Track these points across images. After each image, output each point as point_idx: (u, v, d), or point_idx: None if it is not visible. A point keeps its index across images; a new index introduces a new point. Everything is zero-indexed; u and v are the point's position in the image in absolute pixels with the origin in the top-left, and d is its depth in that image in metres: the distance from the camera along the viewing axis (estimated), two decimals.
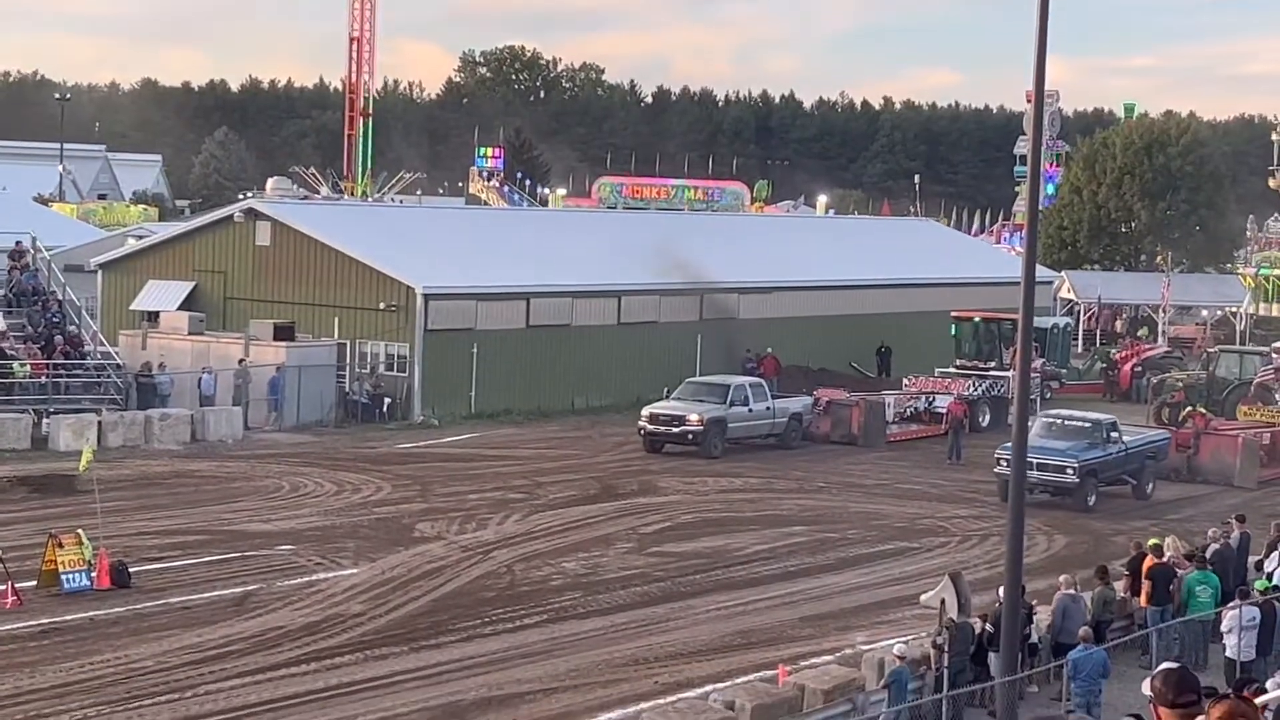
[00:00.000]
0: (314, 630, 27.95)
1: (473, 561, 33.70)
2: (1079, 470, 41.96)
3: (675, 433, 48.03)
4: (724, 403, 48.77)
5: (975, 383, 55.87)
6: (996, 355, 57.53)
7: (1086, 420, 44.24)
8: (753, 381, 51.36)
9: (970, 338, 58.55)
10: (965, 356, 58.02)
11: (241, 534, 35.50)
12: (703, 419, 47.79)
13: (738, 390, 49.66)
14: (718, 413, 48.33)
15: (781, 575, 34.11)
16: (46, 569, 29.76)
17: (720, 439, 48.22)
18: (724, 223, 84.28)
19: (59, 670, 24.99)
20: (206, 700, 23.86)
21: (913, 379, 57.44)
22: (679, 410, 48.33)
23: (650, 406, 48.97)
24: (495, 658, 26.92)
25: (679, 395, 49.62)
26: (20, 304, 51.31)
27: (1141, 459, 44.55)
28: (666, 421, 48.11)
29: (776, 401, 50.78)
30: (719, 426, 48.20)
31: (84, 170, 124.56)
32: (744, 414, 49.09)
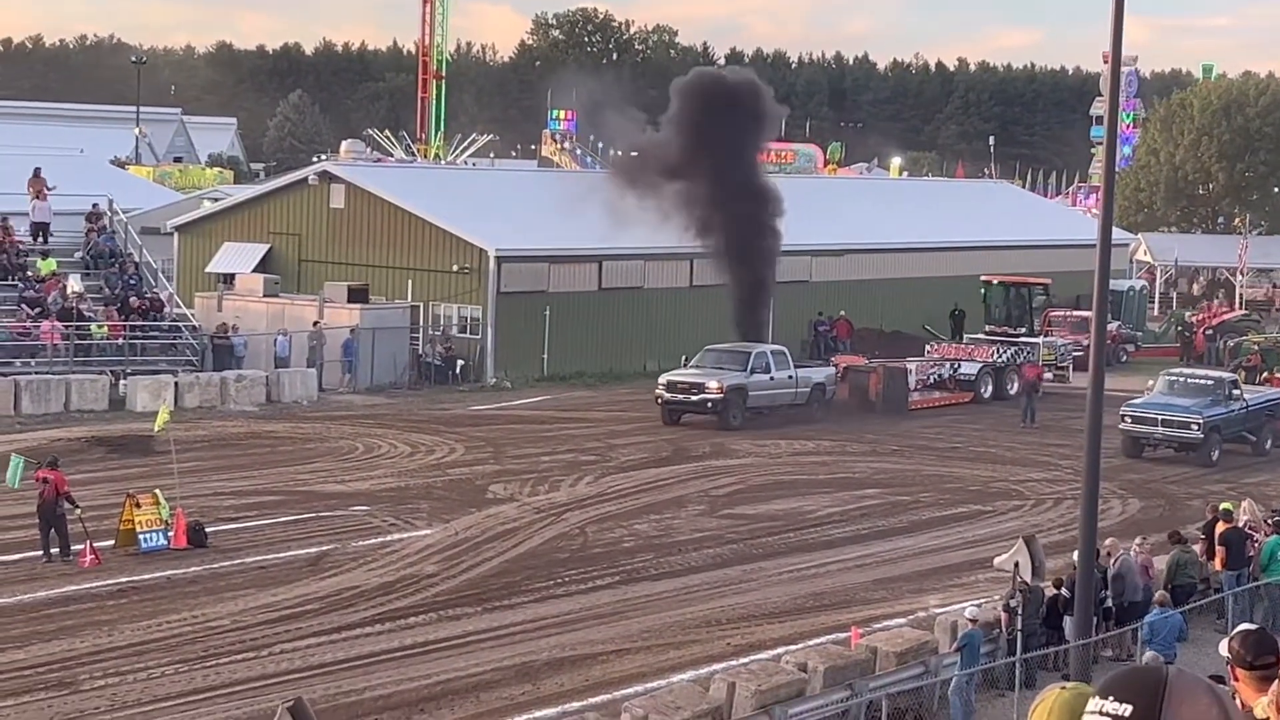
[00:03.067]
0: (388, 590, 28.12)
1: (545, 523, 33.81)
2: (1203, 426, 42.78)
3: (694, 401, 46.10)
4: (745, 370, 46.83)
5: (1000, 349, 54.54)
6: (1027, 321, 56.27)
7: (1209, 378, 45.81)
8: (775, 349, 48.70)
9: (1000, 302, 56.88)
10: (995, 322, 56.52)
11: (316, 495, 35.74)
12: (723, 387, 45.89)
13: (759, 357, 47.48)
14: (738, 380, 46.39)
15: (854, 538, 34.06)
16: (124, 529, 30.06)
17: (741, 408, 46.36)
18: (796, 185, 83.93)
19: (137, 629, 25.25)
20: (282, 659, 24.05)
21: (935, 345, 56.41)
22: (698, 378, 46.38)
23: (668, 374, 47.24)
24: (568, 618, 27.01)
25: (698, 363, 47.63)
26: (98, 266, 51.79)
27: (1261, 416, 45.26)
28: (685, 390, 46.23)
29: (799, 370, 48.75)
30: (739, 395, 46.38)
31: (160, 133, 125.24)
32: (765, 382, 47.14)
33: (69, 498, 29.39)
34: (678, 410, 46.29)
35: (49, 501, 29.11)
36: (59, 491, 29.25)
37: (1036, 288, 57.03)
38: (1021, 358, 54.02)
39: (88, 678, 22.75)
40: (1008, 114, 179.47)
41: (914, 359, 54.03)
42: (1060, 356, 55.88)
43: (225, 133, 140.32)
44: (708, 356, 47.73)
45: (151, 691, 22.34)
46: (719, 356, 47.57)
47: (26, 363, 46.69)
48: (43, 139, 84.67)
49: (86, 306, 48.80)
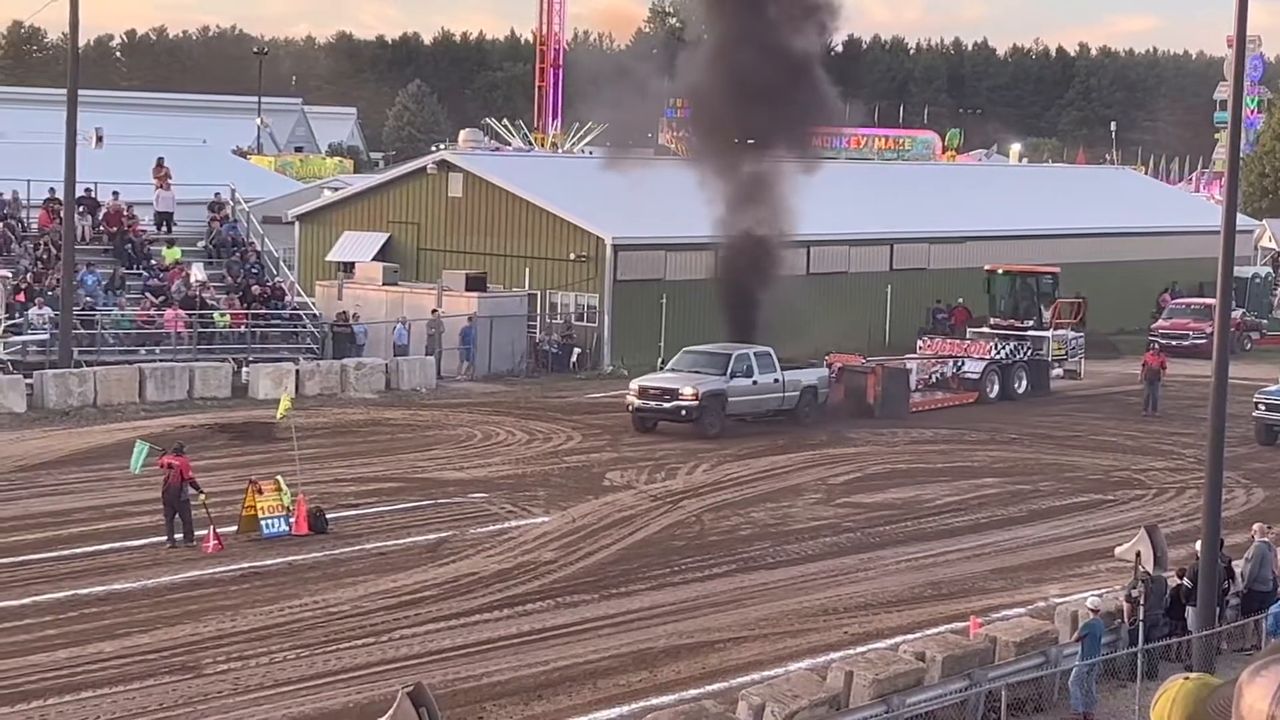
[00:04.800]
0: (506, 577, 28.26)
1: (662, 510, 33.85)
2: None
3: (667, 408, 42.23)
4: (724, 374, 42.85)
5: (998, 344, 50.61)
6: (1035, 313, 52.24)
7: None
8: (759, 351, 44.17)
9: (1006, 294, 52.99)
10: (1001, 314, 52.47)
11: (435, 481, 35.98)
12: (698, 393, 41.89)
13: (740, 360, 43.37)
14: (716, 386, 42.44)
15: (973, 527, 33.83)
16: (246, 514, 30.42)
17: (719, 415, 42.47)
18: (914, 172, 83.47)
19: (259, 613, 25.54)
20: (402, 644, 24.24)
21: (927, 340, 52.43)
22: (672, 383, 42.65)
23: (640, 379, 43.68)
24: (684, 606, 27.02)
25: (675, 365, 44.14)
26: (220, 255, 52.42)
27: None
28: (657, 396, 42.34)
29: (787, 373, 44.39)
30: (717, 401, 42.38)
31: (281, 123, 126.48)
32: (747, 387, 43.19)
33: (193, 483, 29.79)
34: (650, 418, 42.57)
35: (174, 487, 29.52)
36: (183, 477, 29.65)
37: (1045, 276, 53.51)
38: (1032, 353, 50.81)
39: (211, 662, 23.05)
40: (1130, 99, 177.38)
41: (914, 357, 50.65)
42: (1071, 351, 52.31)
43: (345, 122, 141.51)
44: (685, 359, 44.19)
45: (274, 675, 22.60)
46: (697, 359, 43.89)
47: (151, 350, 47.35)
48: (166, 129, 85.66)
49: (209, 295, 49.40)
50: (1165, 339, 59.33)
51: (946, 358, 50.45)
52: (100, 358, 46.03)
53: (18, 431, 40.05)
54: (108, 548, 29.19)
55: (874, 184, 69.12)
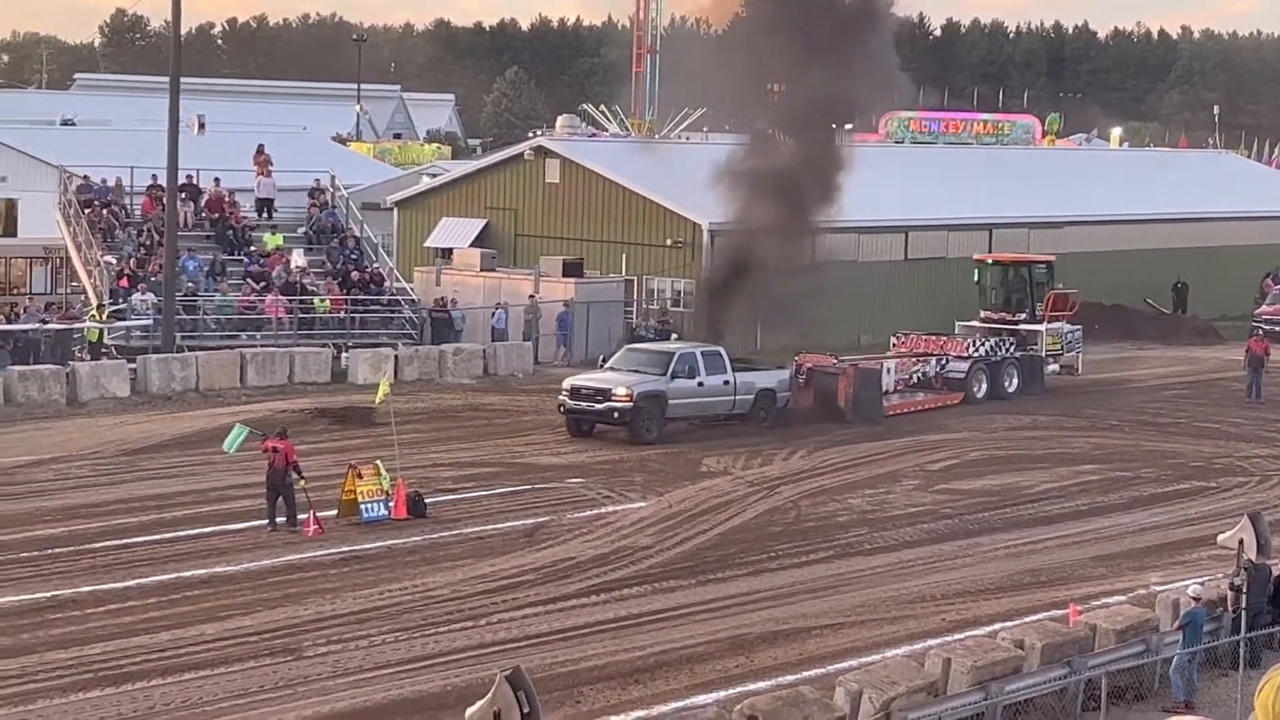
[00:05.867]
0: (603, 562, 28.33)
1: (759, 496, 33.82)
2: None
3: (599, 410, 39.19)
4: (664, 374, 39.81)
5: (978, 341, 47.06)
6: (1028, 306, 48.93)
7: None
8: (707, 350, 41.15)
9: (998, 285, 49.60)
10: (992, 308, 49.28)
11: (532, 467, 36.11)
12: (632, 394, 38.94)
13: (683, 360, 40.23)
14: (653, 387, 39.39)
15: (1072, 514, 33.58)
16: (346, 499, 30.65)
17: (657, 419, 39.42)
18: (1014, 157, 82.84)
19: (359, 596, 25.74)
20: (499, 629, 24.35)
21: (902, 336, 48.43)
22: (605, 383, 39.56)
23: (573, 378, 40.83)
24: (781, 592, 27.00)
25: (615, 364, 41.03)
26: (320, 241, 52.79)
27: None
28: (589, 396, 39.38)
29: (741, 375, 41.31)
30: (655, 404, 39.38)
31: (380, 110, 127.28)
32: (690, 389, 40.00)
33: (296, 468, 30.05)
34: (584, 420, 39.64)
35: (278, 471, 29.80)
36: (288, 461, 29.92)
37: (1038, 266, 50.21)
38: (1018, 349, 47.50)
39: (311, 644, 23.25)
40: (1233, 83, 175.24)
41: (891, 356, 47.04)
42: (1067, 345, 49.15)
43: (443, 109, 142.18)
44: (626, 357, 41.34)
45: (372, 658, 22.77)
46: (637, 358, 41.04)
47: (252, 336, 47.78)
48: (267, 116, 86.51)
49: (309, 280, 49.77)
50: (1269, 325, 58.58)
51: (926, 356, 46.62)
52: (202, 343, 46.52)
53: (121, 416, 40.57)
54: (210, 531, 29.51)
55: (972, 169, 68.73)
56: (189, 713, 20.43)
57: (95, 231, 49.38)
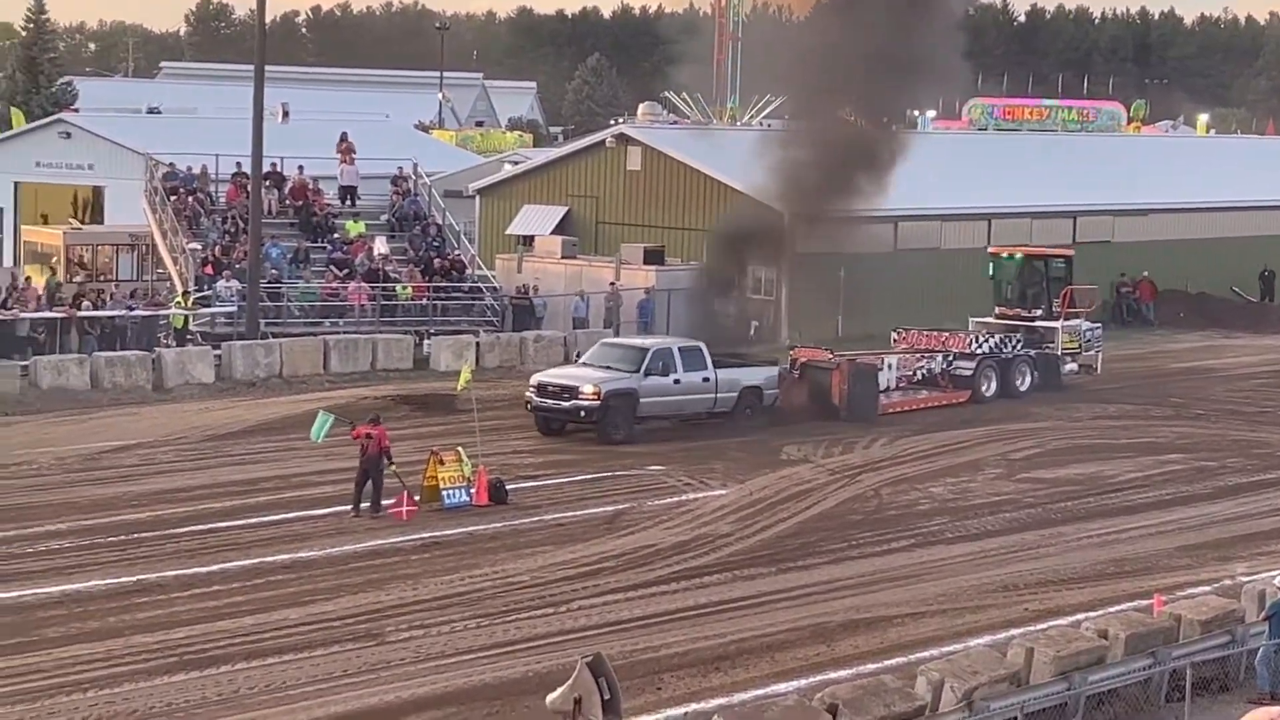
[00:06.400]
0: (683, 549, 28.35)
1: (839, 484, 33.74)
2: None
3: (565, 409, 37.38)
4: (637, 371, 37.92)
5: (981, 337, 44.93)
6: (1044, 302, 46.81)
7: None
8: (685, 345, 39.36)
9: (1013, 279, 47.46)
10: (1006, 303, 47.09)
11: (612, 453, 36.15)
12: (599, 392, 37.13)
13: (657, 356, 38.32)
14: (623, 384, 37.53)
15: (1157, 503, 33.31)
16: (428, 485, 30.80)
17: (627, 418, 37.56)
18: (1099, 144, 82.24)
19: (440, 582, 25.85)
20: (580, 615, 24.41)
21: (901, 333, 46.46)
22: (572, 380, 37.86)
23: (540, 374, 39.18)
24: (862, 580, 26.94)
25: (588, 359, 39.67)
26: (402, 228, 53.03)
27: None
28: (555, 394, 37.58)
29: (723, 371, 39.33)
30: (625, 403, 37.49)
31: (462, 98, 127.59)
32: (665, 386, 38.11)
33: (388, 454, 30.21)
34: (552, 419, 37.77)
35: (372, 457, 29.96)
36: (381, 447, 30.09)
37: (1056, 260, 48.03)
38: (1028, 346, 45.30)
39: (393, 630, 23.38)
40: None
41: (893, 352, 45.19)
42: (1085, 343, 46.77)
43: (525, 97, 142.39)
44: (599, 352, 39.64)
45: (454, 644, 22.87)
46: (610, 353, 39.28)
47: (335, 322, 48.03)
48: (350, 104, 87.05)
49: (392, 268, 50.00)
50: None
51: (929, 352, 44.66)
52: (285, 329, 46.82)
53: (206, 401, 40.92)
54: (293, 516, 29.72)
55: (1057, 156, 68.21)
56: (272, 696, 20.59)
57: (181, 219, 49.78)
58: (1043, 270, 47.49)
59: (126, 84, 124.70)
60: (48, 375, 41.31)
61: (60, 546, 27.28)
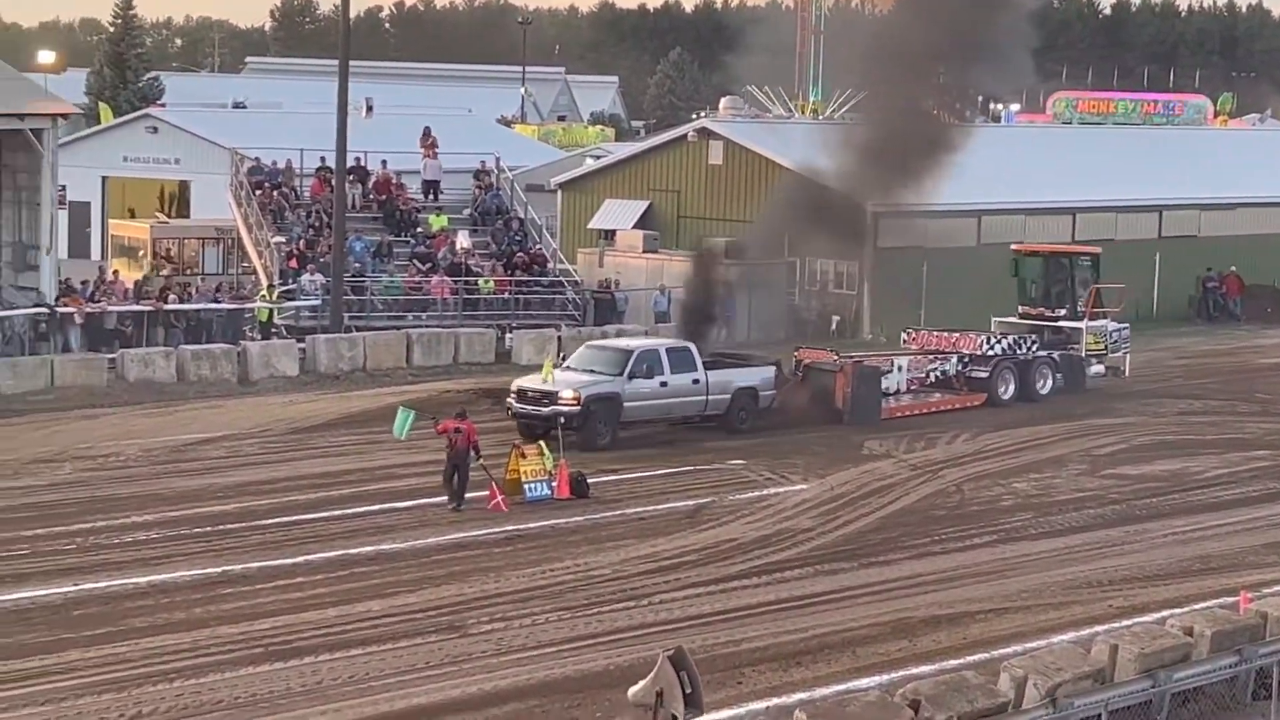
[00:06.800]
0: (765, 544, 28.32)
1: (922, 480, 33.62)
2: None
3: (545, 415, 35.49)
4: (620, 374, 36.41)
5: (993, 339, 43.23)
6: (1069, 301, 45.15)
7: None
8: (673, 346, 37.93)
9: (1037, 278, 45.84)
10: (1030, 302, 45.61)
11: (694, 448, 36.17)
12: (579, 397, 35.56)
13: (642, 358, 36.78)
14: (606, 389, 35.95)
15: (1243, 500, 32.98)
16: (510, 478, 30.90)
17: (611, 424, 36.03)
18: (1184, 137, 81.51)
19: (522, 575, 25.94)
20: (661, 609, 24.43)
21: (912, 334, 45.03)
22: (554, 385, 36.12)
23: (520, 379, 37.57)
24: (944, 576, 26.82)
25: (572, 363, 37.73)
26: (484, 222, 53.24)
27: None
28: (535, 400, 35.94)
29: (714, 373, 37.83)
30: (607, 407, 35.93)
31: (544, 92, 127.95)
32: (651, 390, 36.61)
33: (476, 448, 30.33)
34: (534, 425, 35.58)
35: (460, 451, 30.08)
36: (469, 441, 30.22)
37: (1081, 258, 46.25)
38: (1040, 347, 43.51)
39: (475, 622, 23.47)
40: None
41: (903, 353, 43.47)
42: (1111, 345, 44.99)
43: (607, 91, 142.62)
44: (583, 355, 38.03)
45: (536, 637, 22.94)
46: (594, 356, 37.69)
47: (418, 316, 48.29)
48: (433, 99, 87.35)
49: (474, 262, 50.21)
50: None
51: (941, 354, 42.87)
52: (369, 323, 47.12)
53: (290, 395, 41.23)
54: (377, 509, 29.89)
55: (1142, 150, 67.67)
56: (355, 688, 20.71)
57: (265, 213, 50.18)
58: (1068, 268, 45.89)
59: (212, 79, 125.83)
60: (135, 368, 41.75)
61: (147, 538, 27.56)
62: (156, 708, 19.73)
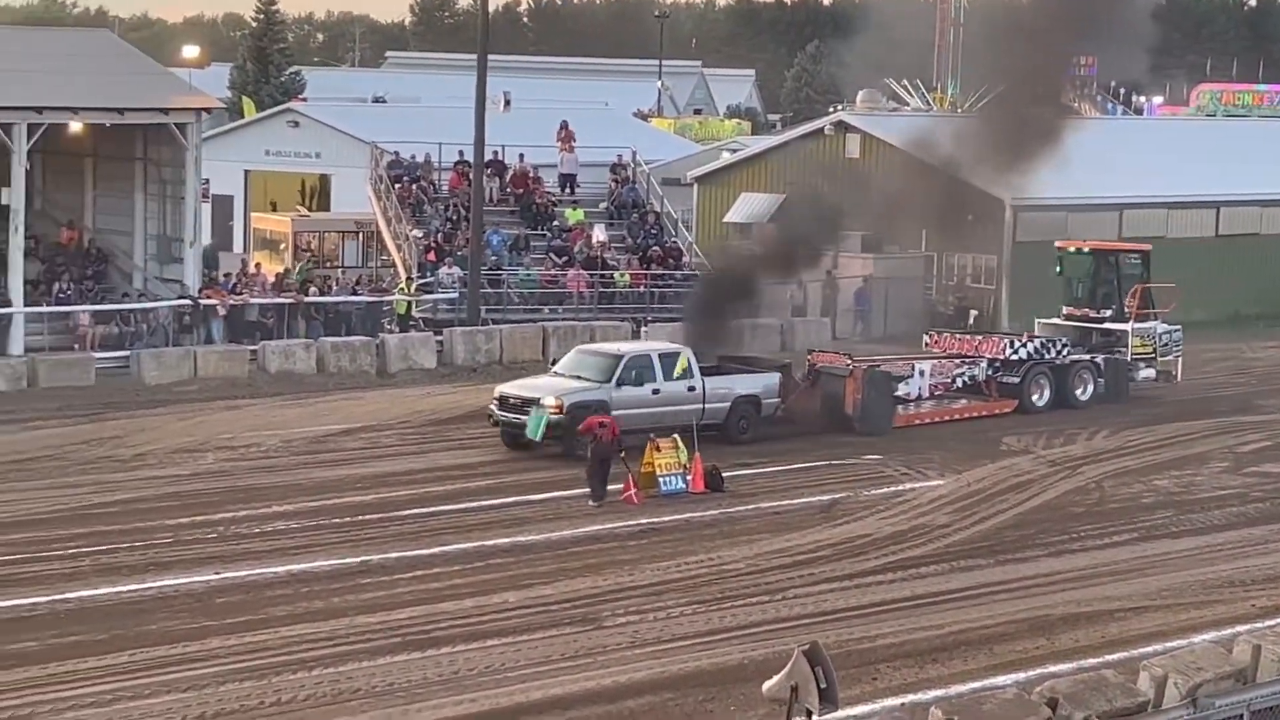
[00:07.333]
0: (900, 539, 28.19)
1: (1060, 476, 33.30)
2: None
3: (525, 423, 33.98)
4: (608, 381, 34.49)
5: (1018, 342, 41.00)
6: (1114, 301, 42.81)
7: None
8: (666, 351, 36.01)
9: (1083, 277, 43.37)
10: (1075, 303, 43.24)
11: (828, 442, 36.03)
12: (562, 405, 33.82)
13: (632, 364, 34.82)
14: (590, 397, 33.94)
15: None
16: (645, 471, 30.97)
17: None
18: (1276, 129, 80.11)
19: (656, 568, 25.99)
20: (795, 604, 24.38)
21: (934, 336, 42.80)
22: (534, 393, 34.32)
23: (503, 385, 35.79)
24: (1083, 574, 26.54)
25: (560, 369, 35.93)
26: (620, 216, 53.36)
27: None
28: (517, 407, 34.33)
29: (712, 379, 35.83)
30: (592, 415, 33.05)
31: (681, 86, 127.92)
32: (641, 397, 34.51)
33: (619, 443, 30.42)
34: (518, 434, 34.14)
35: (604, 445, 30.17)
36: (614, 436, 30.32)
37: (1130, 256, 43.86)
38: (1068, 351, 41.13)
39: (610, 614, 23.54)
40: None
41: (927, 357, 41.03)
42: (1162, 348, 42.64)
43: (743, 84, 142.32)
44: (572, 360, 36.04)
45: (670, 630, 22.98)
46: (583, 361, 35.62)
47: (554, 309, 48.51)
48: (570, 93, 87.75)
49: (610, 255, 50.36)
50: None
51: (967, 358, 40.63)
52: (505, 316, 47.42)
53: (428, 387, 41.60)
54: (512, 500, 30.10)
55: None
56: (491, 678, 20.86)
57: (404, 206, 50.63)
58: (1114, 267, 43.46)
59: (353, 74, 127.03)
60: (275, 360, 42.33)
61: (287, 527, 27.93)
62: (295, 695, 19.98)
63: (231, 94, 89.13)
